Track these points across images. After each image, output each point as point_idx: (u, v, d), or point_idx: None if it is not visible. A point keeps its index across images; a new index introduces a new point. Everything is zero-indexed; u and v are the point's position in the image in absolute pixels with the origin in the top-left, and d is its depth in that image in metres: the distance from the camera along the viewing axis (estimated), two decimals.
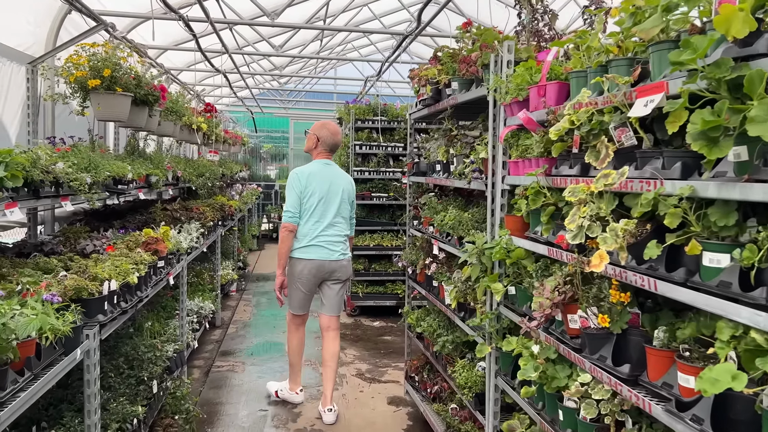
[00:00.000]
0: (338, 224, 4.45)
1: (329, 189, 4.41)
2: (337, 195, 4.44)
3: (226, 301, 8.02)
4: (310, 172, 4.41)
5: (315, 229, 4.35)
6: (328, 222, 4.37)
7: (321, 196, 4.37)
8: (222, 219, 7.24)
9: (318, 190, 4.36)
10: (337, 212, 4.43)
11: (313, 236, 4.34)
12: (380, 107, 7.38)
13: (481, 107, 3.61)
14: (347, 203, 4.54)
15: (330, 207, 4.39)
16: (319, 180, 4.39)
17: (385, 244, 7.44)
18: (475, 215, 3.39)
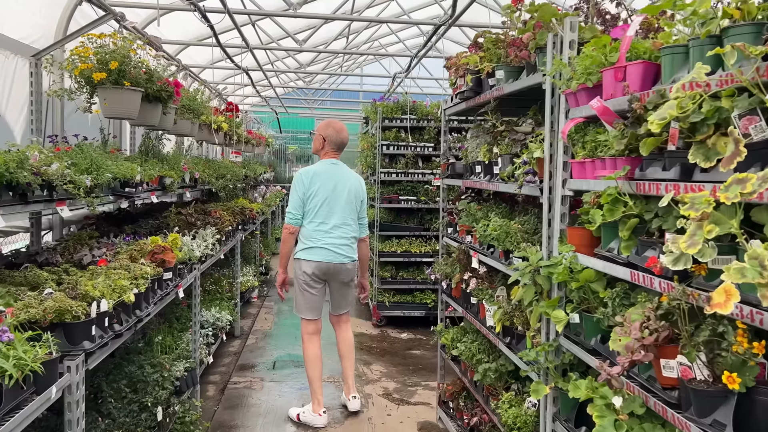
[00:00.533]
0: (344, 226, 4.24)
1: (335, 189, 4.20)
2: (343, 195, 4.22)
3: (246, 309, 7.60)
4: (315, 172, 4.24)
5: (319, 230, 4.17)
6: (333, 223, 4.19)
7: (325, 196, 4.18)
8: (242, 223, 6.82)
9: (322, 190, 4.18)
10: (343, 213, 4.23)
11: (317, 238, 4.17)
12: (409, 105, 6.89)
13: (531, 99, 3.09)
14: (354, 203, 4.30)
15: (335, 207, 4.20)
16: (324, 180, 4.20)
17: (414, 250, 6.94)
18: (525, 225, 2.87)
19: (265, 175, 12.92)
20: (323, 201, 4.17)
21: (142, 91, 4.25)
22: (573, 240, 2.29)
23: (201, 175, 6.07)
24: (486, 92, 3.27)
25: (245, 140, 9.91)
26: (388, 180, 7.03)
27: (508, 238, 2.79)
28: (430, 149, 6.94)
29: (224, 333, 5.66)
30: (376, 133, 7.10)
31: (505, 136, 3.03)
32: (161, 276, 3.46)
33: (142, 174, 4.30)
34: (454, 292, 3.89)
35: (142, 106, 4.48)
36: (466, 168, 3.84)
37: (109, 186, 3.83)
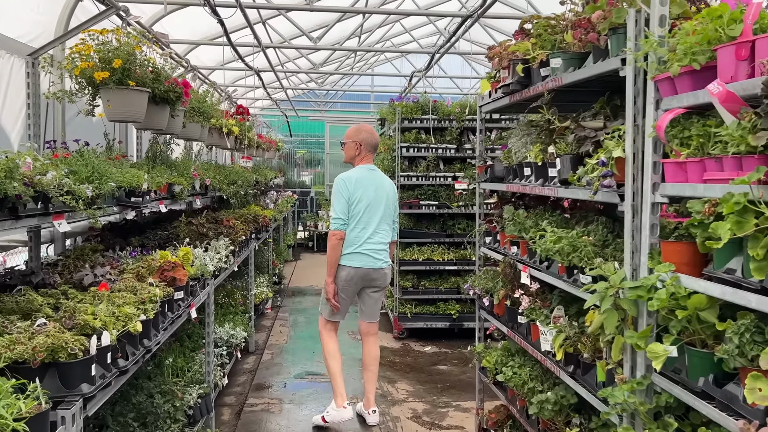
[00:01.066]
0: (382, 231, 4.25)
1: (375, 195, 4.20)
2: (382, 201, 4.23)
3: (260, 321, 7.20)
4: (357, 179, 4.19)
5: (361, 237, 4.15)
6: (373, 229, 4.18)
7: (368, 203, 4.16)
8: (256, 231, 6.43)
9: (365, 197, 4.16)
10: (382, 219, 4.23)
11: (358, 244, 4.15)
12: (430, 105, 6.49)
13: (594, 91, 2.68)
14: (391, 209, 4.35)
15: (375, 214, 4.19)
16: (366, 186, 4.18)
17: (436, 258, 6.52)
18: (599, 236, 2.45)
19: (276, 180, 12.55)
20: (365, 208, 4.15)
21: (148, 91, 3.88)
22: (671, 257, 1.87)
23: (212, 181, 5.69)
24: (536, 84, 2.85)
25: (256, 145, 9.54)
26: (408, 184, 6.62)
27: (575, 253, 2.37)
28: (452, 151, 6.53)
29: (239, 350, 5.26)
30: (395, 135, 6.69)
31: (565, 134, 2.61)
32: (172, 296, 3.06)
33: (150, 182, 3.91)
34: (497, 309, 3.47)
35: (148, 108, 4.10)
36: (508, 170, 3.42)
37: (113, 196, 3.45)
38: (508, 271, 3.13)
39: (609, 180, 2.11)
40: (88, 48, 3.68)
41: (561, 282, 2.61)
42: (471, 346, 3.97)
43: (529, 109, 2.88)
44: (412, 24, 9.90)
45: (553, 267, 2.76)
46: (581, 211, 3.01)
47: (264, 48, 5.99)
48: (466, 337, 6.56)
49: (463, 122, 6.49)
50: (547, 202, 3.52)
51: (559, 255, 2.48)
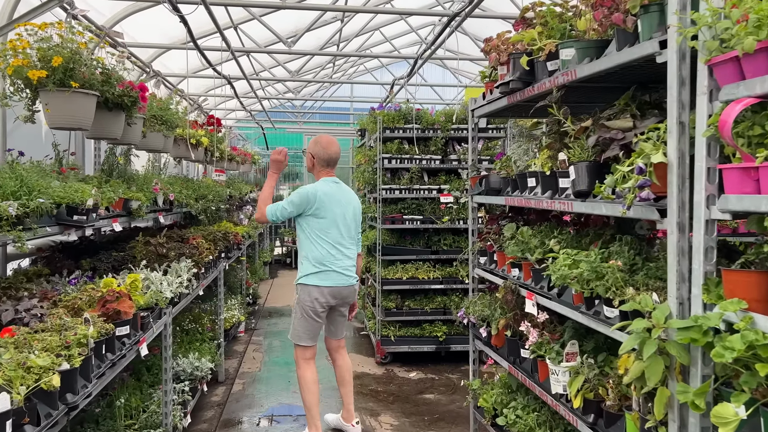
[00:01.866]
0: (351, 247, 4.07)
1: (343, 212, 4.00)
2: (348, 216, 4.04)
3: (232, 346, 6.65)
4: (323, 192, 3.94)
5: (331, 255, 3.93)
6: (343, 246, 3.99)
7: (334, 219, 3.95)
8: (226, 250, 5.91)
9: (330, 213, 3.93)
10: (349, 234, 4.06)
11: (330, 261, 3.92)
12: (413, 113, 6.06)
13: (613, 87, 2.27)
14: (357, 223, 4.16)
15: (343, 230, 4.00)
16: (332, 201, 3.95)
17: (421, 276, 6.06)
18: (625, 259, 2.01)
19: (252, 194, 12.01)
20: (333, 224, 3.94)
21: (96, 95, 3.40)
22: (739, 290, 1.44)
23: (177, 196, 5.17)
24: (542, 80, 2.43)
25: (229, 157, 9.02)
26: (391, 197, 6.17)
27: (600, 281, 1.93)
28: (437, 162, 6.10)
29: (205, 383, 4.72)
30: (376, 146, 6.25)
31: (579, 138, 2.18)
32: (113, 334, 2.55)
33: (99, 197, 3.40)
34: (495, 340, 3.02)
35: (99, 114, 3.61)
36: (506, 181, 2.99)
37: (50, 214, 2.95)
38: (509, 297, 2.68)
39: (647, 192, 1.67)
40: (25, 44, 3.19)
41: (578, 314, 2.16)
42: (465, 381, 3.50)
43: (534, 110, 2.45)
44: (392, 32, 9.52)
45: (566, 294, 2.32)
46: (593, 228, 2.58)
47: (233, 52, 5.52)
48: (454, 360, 6.10)
49: (448, 132, 6.08)
50: (548, 216, 3.10)
51: (578, 282, 2.04)
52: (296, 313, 3.97)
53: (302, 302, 3.92)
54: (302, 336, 3.95)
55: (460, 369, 5.90)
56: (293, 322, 4.02)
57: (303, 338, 3.95)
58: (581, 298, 2.16)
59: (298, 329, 3.95)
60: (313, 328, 3.95)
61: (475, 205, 3.45)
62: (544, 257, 2.53)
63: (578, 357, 2.36)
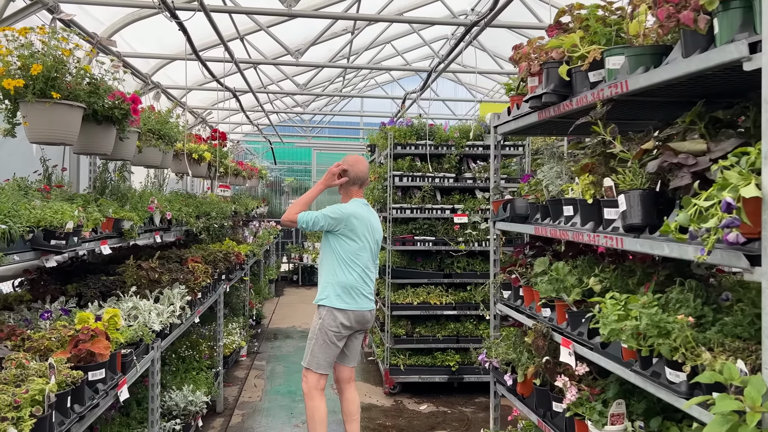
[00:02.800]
0: (375, 270, 3.96)
1: (373, 237, 3.86)
2: (374, 240, 3.89)
3: (232, 372, 6.29)
4: (359, 215, 3.77)
5: (362, 279, 3.77)
6: (370, 271, 3.86)
7: (366, 244, 3.80)
8: (227, 271, 5.57)
9: (363, 237, 3.77)
10: (375, 258, 3.93)
11: (360, 286, 3.75)
12: (426, 129, 5.72)
13: (667, 102, 1.91)
14: (379, 246, 3.99)
15: (372, 255, 3.86)
16: (366, 226, 3.79)
17: (433, 301, 5.68)
18: (689, 309, 1.64)
19: (259, 209, 11.71)
20: (365, 248, 3.78)
21: (82, 107, 3.09)
22: None
23: (175, 214, 4.85)
24: (582, 93, 2.08)
25: (234, 172, 8.73)
26: (401, 217, 5.82)
27: (664, 339, 1.56)
28: (451, 180, 5.75)
29: (200, 417, 4.36)
30: (386, 162, 5.91)
31: (630, 161, 1.82)
32: (82, 381, 2.20)
33: (83, 218, 3.08)
34: (522, 388, 2.64)
35: (87, 128, 3.31)
36: (535, 208, 2.63)
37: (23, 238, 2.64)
38: (540, 343, 2.31)
39: (735, 234, 1.30)
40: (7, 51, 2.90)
41: (630, 374, 1.79)
42: (485, 430, 3.11)
43: (575, 128, 2.10)
44: (404, 46, 9.23)
45: (612, 346, 1.94)
46: (640, 265, 2.20)
47: (237, 63, 5.22)
48: (467, 391, 5.69)
49: (463, 149, 5.73)
50: (580, 247, 2.73)
51: (633, 338, 1.67)
52: (317, 338, 3.69)
53: (326, 327, 3.67)
54: (321, 363, 3.70)
55: (474, 401, 5.50)
56: (312, 348, 3.72)
57: (322, 366, 3.71)
58: (634, 353, 1.79)
59: (318, 356, 3.69)
60: (334, 354, 3.73)
61: (498, 233, 3.09)
62: (582, 299, 2.16)
63: (625, 420, 1.98)
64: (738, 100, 1.71)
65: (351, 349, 3.91)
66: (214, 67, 5.76)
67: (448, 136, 5.72)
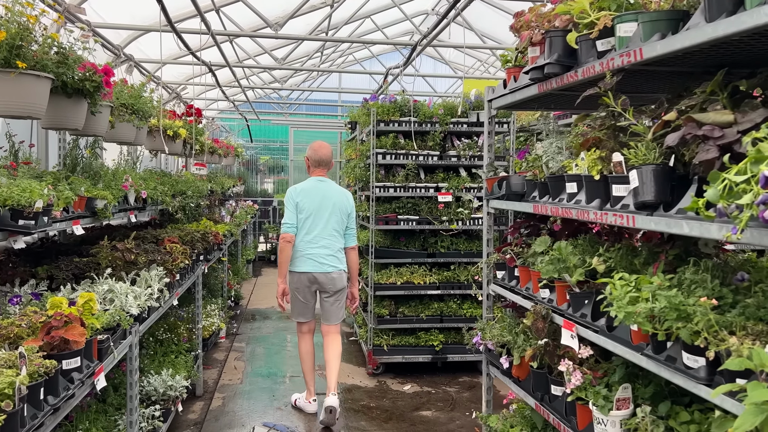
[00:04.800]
0: (329, 237, 4.44)
1: (320, 204, 4.44)
2: (327, 209, 4.44)
3: (212, 354, 6.14)
4: (302, 189, 4.51)
5: (304, 242, 4.42)
6: (316, 235, 4.41)
7: (310, 211, 4.42)
8: (205, 252, 5.40)
9: (308, 206, 4.43)
10: (327, 226, 4.44)
11: (303, 250, 4.42)
12: (410, 105, 5.57)
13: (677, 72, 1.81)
14: (340, 216, 4.50)
15: (318, 221, 4.42)
16: (311, 196, 4.45)
17: (417, 281, 5.59)
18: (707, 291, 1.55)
19: (235, 188, 11.46)
20: (308, 216, 4.41)
21: (51, 78, 2.88)
22: None
23: (151, 193, 4.65)
24: (588, 63, 1.96)
25: (210, 150, 8.47)
26: (385, 196, 5.69)
27: (685, 323, 1.47)
28: (435, 158, 5.62)
29: (180, 401, 4.22)
30: (369, 140, 5.76)
31: (641, 135, 1.72)
32: (56, 370, 2.04)
33: (53, 197, 2.88)
34: (518, 371, 2.56)
35: (55, 101, 3.10)
36: (533, 185, 2.52)
37: None
38: (540, 325, 2.22)
39: None
40: None
41: (642, 358, 1.70)
42: (477, 413, 3.04)
43: (581, 101, 1.98)
44: (384, 21, 9.01)
45: (620, 329, 1.86)
46: (647, 244, 2.12)
47: (214, 35, 4.98)
48: (450, 371, 5.65)
49: (447, 126, 5.60)
50: (576, 225, 2.64)
51: (648, 321, 1.58)
52: (290, 295, 4.53)
53: (291, 286, 4.51)
54: (294, 313, 4.58)
55: (458, 381, 5.46)
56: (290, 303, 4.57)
57: (295, 315, 4.59)
58: (644, 336, 1.71)
59: (293, 308, 4.57)
60: (300, 307, 4.51)
61: (491, 211, 2.98)
62: (585, 279, 2.07)
63: (631, 404, 1.91)
64: (761, 69, 1.61)
65: (324, 309, 4.59)
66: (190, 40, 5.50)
67: (433, 113, 5.59)
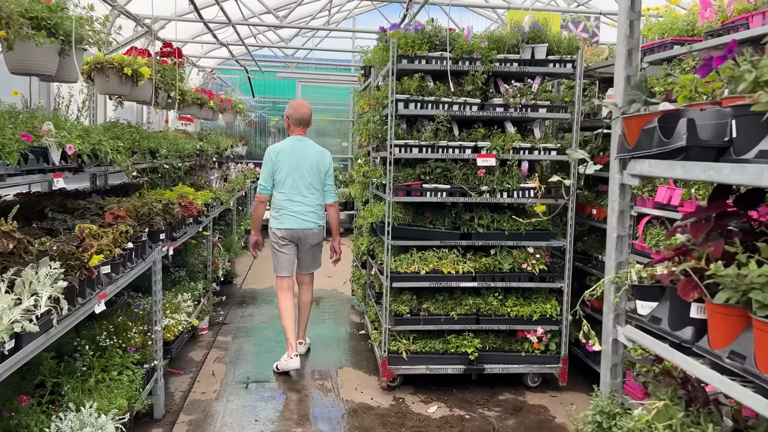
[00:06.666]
0: (310, 195, 4.52)
1: (299, 163, 4.48)
2: (306, 167, 4.49)
3: (186, 352, 4.83)
4: (281, 149, 4.53)
5: (286, 201, 4.48)
6: (297, 193, 4.48)
7: (290, 170, 4.46)
8: (170, 228, 4.02)
9: (287, 165, 4.46)
10: (308, 184, 4.50)
11: (284, 207, 4.49)
12: (443, 35, 4.06)
13: None
14: (318, 174, 4.55)
15: (299, 179, 4.47)
16: (290, 155, 4.48)
17: (446, 269, 4.18)
18: None
19: (236, 149, 10.03)
20: (288, 174, 4.46)
21: None
22: None
23: (84, 148, 3.26)
24: None
25: (198, 101, 7.03)
26: (407, 158, 4.24)
27: None
28: (474, 108, 4.14)
29: None
30: (387, 84, 4.28)
31: None
32: None
33: None
34: None
35: None
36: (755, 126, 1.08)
37: None
38: None
39: None
40: None
41: None
42: None
43: None
44: None
45: None
46: None
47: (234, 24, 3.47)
48: (487, 383, 4.30)
49: (492, 65, 4.10)
50: None
51: None
52: (271, 250, 4.62)
53: (271, 240, 4.59)
54: (276, 268, 4.61)
55: (498, 400, 4.11)
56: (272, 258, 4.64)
57: (277, 270, 4.61)
58: None
59: (274, 263, 4.62)
60: (282, 261, 4.57)
61: (629, 185, 1.53)
62: None
63: None
64: None
65: (301, 260, 4.70)
66: None
67: (473, 47, 4.07)
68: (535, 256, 4.28)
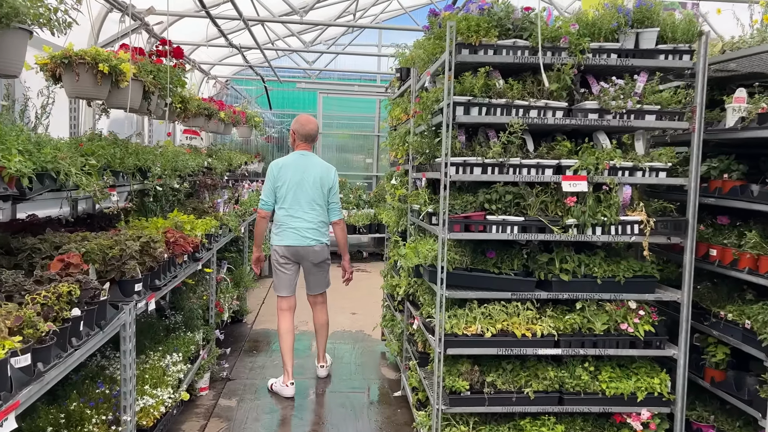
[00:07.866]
0: (311, 211, 4.31)
1: (301, 178, 4.28)
2: (309, 183, 4.29)
3: (178, 424, 3.76)
4: (284, 164, 4.34)
5: (287, 216, 4.30)
6: (299, 209, 4.28)
7: (291, 186, 4.28)
8: (152, 274, 2.98)
9: (288, 180, 4.28)
10: (310, 200, 4.30)
11: (284, 222, 4.31)
12: (516, 16, 3.00)
13: None
14: (322, 190, 4.34)
15: (301, 196, 4.28)
16: (292, 170, 4.30)
17: (518, 331, 3.07)
18: None
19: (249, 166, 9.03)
20: (289, 189, 4.27)
21: None
22: None
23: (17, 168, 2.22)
24: None
25: (206, 112, 6.04)
26: (465, 181, 3.16)
27: None
28: (559, 115, 3.05)
29: None
30: (438, 84, 3.21)
31: None
32: None
33: None
34: None
35: None
36: None
37: None
38: None
39: None
40: None
41: None
42: None
43: None
44: None
45: None
46: None
47: None
48: None
49: (584, 56, 3.01)
50: None
51: None
52: (274, 269, 4.40)
53: (273, 260, 4.38)
54: (277, 287, 4.39)
55: None
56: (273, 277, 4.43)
57: (278, 289, 4.39)
58: None
59: (275, 281, 4.41)
60: (283, 279, 4.35)
61: None
62: None
63: None
64: None
65: (308, 280, 4.46)
66: None
67: (558, 32, 2.99)
68: (638, 312, 3.15)
